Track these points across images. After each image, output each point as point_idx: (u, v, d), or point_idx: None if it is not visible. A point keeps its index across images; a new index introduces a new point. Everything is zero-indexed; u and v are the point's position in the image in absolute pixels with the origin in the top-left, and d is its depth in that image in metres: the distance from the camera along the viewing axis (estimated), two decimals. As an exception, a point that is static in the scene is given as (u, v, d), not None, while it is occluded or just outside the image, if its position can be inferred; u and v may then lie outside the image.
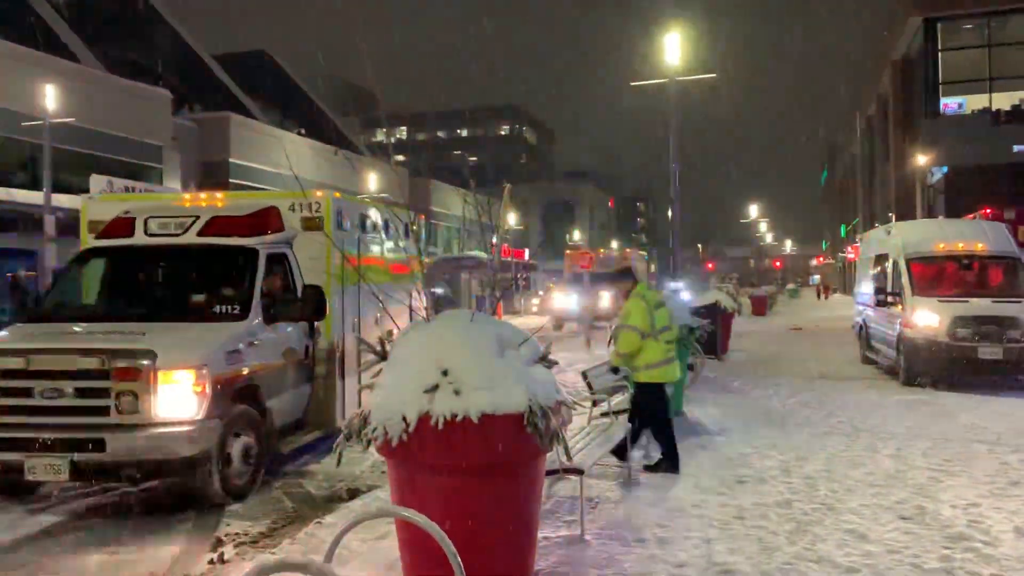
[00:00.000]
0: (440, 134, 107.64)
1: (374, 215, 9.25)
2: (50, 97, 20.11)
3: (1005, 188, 28.86)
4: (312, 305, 7.37)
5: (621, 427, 7.11)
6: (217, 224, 7.52)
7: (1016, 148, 32.20)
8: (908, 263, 14.02)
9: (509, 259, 41.06)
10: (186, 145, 31.21)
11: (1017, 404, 11.35)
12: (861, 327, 17.14)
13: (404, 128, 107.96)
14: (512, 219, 50.15)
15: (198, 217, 7.60)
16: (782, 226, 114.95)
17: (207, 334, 6.71)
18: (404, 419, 4.04)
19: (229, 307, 7.04)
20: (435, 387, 4.08)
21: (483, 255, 37.89)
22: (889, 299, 14.26)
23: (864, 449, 8.51)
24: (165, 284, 8.00)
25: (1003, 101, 33.66)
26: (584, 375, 8.20)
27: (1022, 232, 19.93)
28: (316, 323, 7.89)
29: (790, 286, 75.25)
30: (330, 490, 7.10)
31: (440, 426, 3.98)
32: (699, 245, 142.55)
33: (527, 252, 51.37)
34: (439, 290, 32.40)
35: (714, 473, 7.41)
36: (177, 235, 7.55)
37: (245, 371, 6.81)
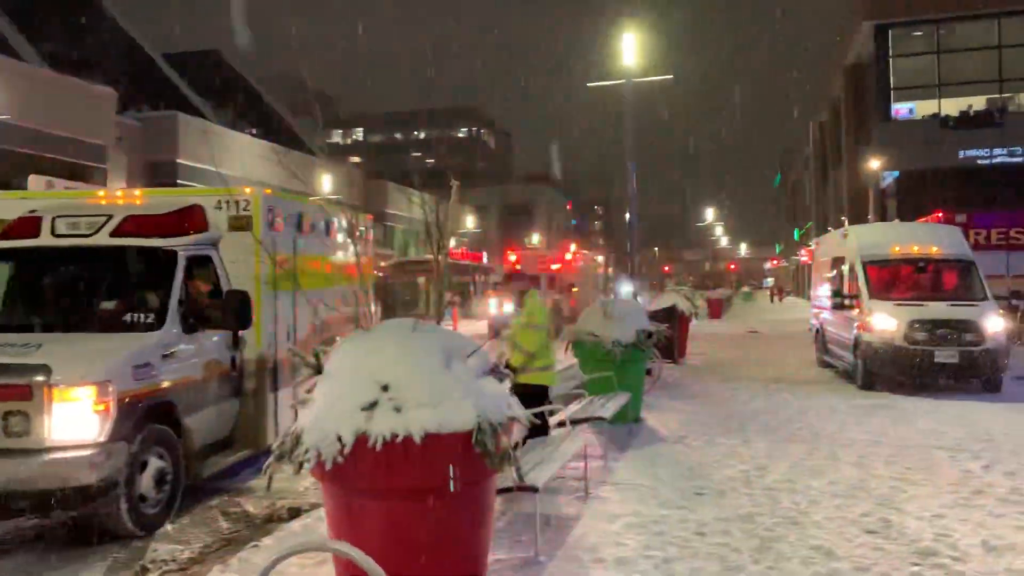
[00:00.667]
0: (397, 136, 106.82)
1: (313, 214, 8.76)
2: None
3: (955, 192, 29.28)
4: (235, 313, 6.75)
5: (577, 438, 6.80)
6: (132, 223, 6.90)
7: (964, 154, 32.78)
8: (864, 266, 13.98)
9: (467, 262, 40.71)
10: (133, 145, 30.25)
11: (974, 408, 11.31)
12: (818, 330, 17.11)
13: (360, 130, 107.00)
14: (469, 222, 49.79)
15: (111, 216, 6.97)
16: (737, 229, 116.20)
17: (113, 346, 6.07)
18: (339, 439, 3.68)
19: (142, 315, 6.44)
20: (373, 404, 3.73)
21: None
22: (846, 302, 14.20)
23: (826, 457, 8.32)
24: (72, 290, 7.21)
25: (952, 107, 34.24)
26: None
27: (972, 236, 20.19)
28: (242, 332, 7.28)
29: (744, 289, 75.92)
30: (271, 509, 6.67)
31: (379, 447, 3.63)
32: (656, 248, 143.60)
33: (485, 255, 50.96)
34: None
35: (673, 485, 7.14)
36: (87, 236, 6.88)
37: (158, 386, 6.18)
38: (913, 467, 7.83)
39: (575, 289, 26.71)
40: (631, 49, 16.72)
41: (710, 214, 71.45)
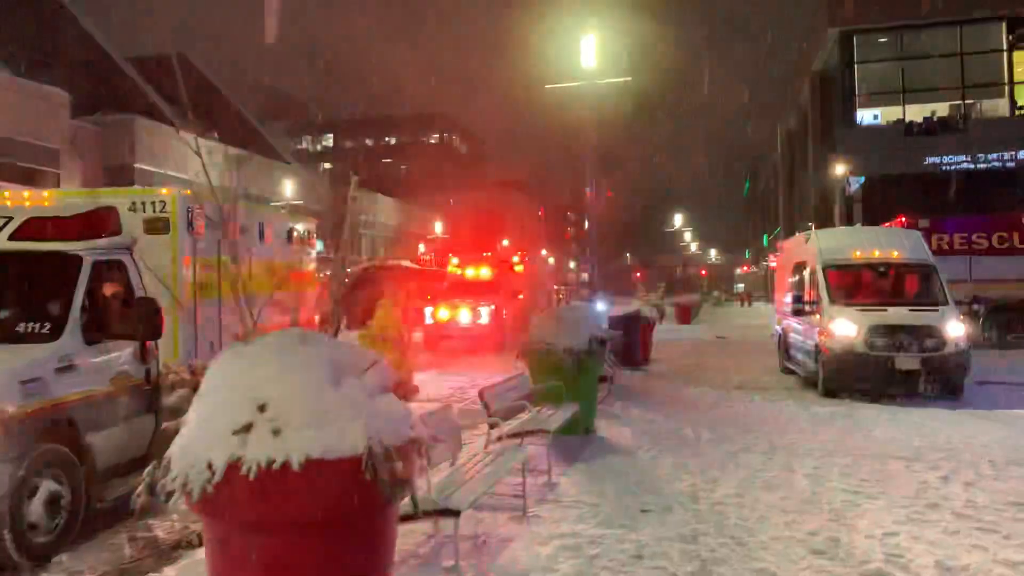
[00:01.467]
0: (368, 141, 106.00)
1: (245, 217, 8.30)
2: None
3: (919, 198, 29.35)
4: (145, 322, 6.21)
5: (516, 454, 6.42)
6: (34, 226, 6.39)
7: (928, 160, 32.93)
8: (825, 271, 13.75)
9: (431, 268, 40.17)
10: (89, 149, 29.50)
11: (933, 415, 11.08)
12: (780, 336, 16.88)
13: (331, 136, 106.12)
14: (438, 228, 49.36)
15: (11, 218, 6.47)
16: (708, 235, 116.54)
17: None
18: (210, 466, 3.26)
19: (38, 325, 5.93)
20: (249, 426, 3.31)
21: (409, 263, 36.93)
22: (807, 308, 13.97)
23: (780, 468, 8.01)
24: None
25: (916, 113, 34.41)
26: (481, 395, 7.51)
27: (935, 241, 20.12)
28: (153, 343, 6.68)
29: (714, 294, 76.03)
30: (181, 534, 6.20)
31: (254, 475, 3.22)
32: (627, 254, 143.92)
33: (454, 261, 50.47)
34: None
35: (618, 501, 6.77)
36: None
37: (53, 402, 5.65)
38: (868, 479, 7.53)
39: (520, 296, 23.48)
40: (590, 51, 16.42)
41: (679, 220, 71.26)
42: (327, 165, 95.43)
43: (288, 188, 36.68)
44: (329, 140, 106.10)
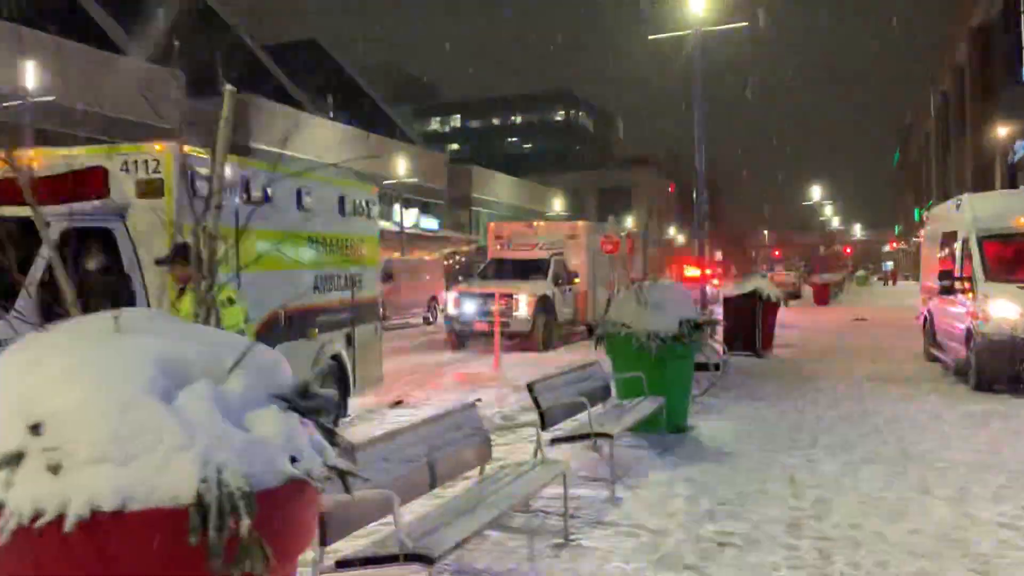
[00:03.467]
0: (495, 121, 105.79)
1: (272, 181, 7.28)
2: (30, 76, 18.80)
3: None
4: (114, 301, 5.29)
5: (552, 468, 5.11)
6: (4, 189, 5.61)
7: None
8: (980, 242, 11.58)
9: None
10: (205, 130, 29.91)
11: (1122, 419, 8.94)
12: (926, 319, 14.66)
13: (458, 116, 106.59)
14: (556, 205, 48.07)
15: None
16: (850, 210, 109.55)
17: None
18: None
19: None
20: (17, 456, 2.18)
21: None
22: (957, 285, 11.82)
23: (912, 489, 6.33)
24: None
25: (1095, 66, 30.19)
26: (530, 388, 6.23)
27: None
28: None
29: (859, 272, 71.29)
30: None
31: (12, 530, 2.09)
32: (765, 232, 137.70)
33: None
34: None
35: (689, 530, 5.35)
36: None
37: None
38: (1033, 508, 5.77)
39: (576, 280, 18.30)
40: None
41: (817, 192, 66.23)
42: (454, 146, 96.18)
43: (407, 167, 36.26)
44: (457, 120, 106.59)
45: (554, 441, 6.19)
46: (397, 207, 35.37)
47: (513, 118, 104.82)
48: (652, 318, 8.28)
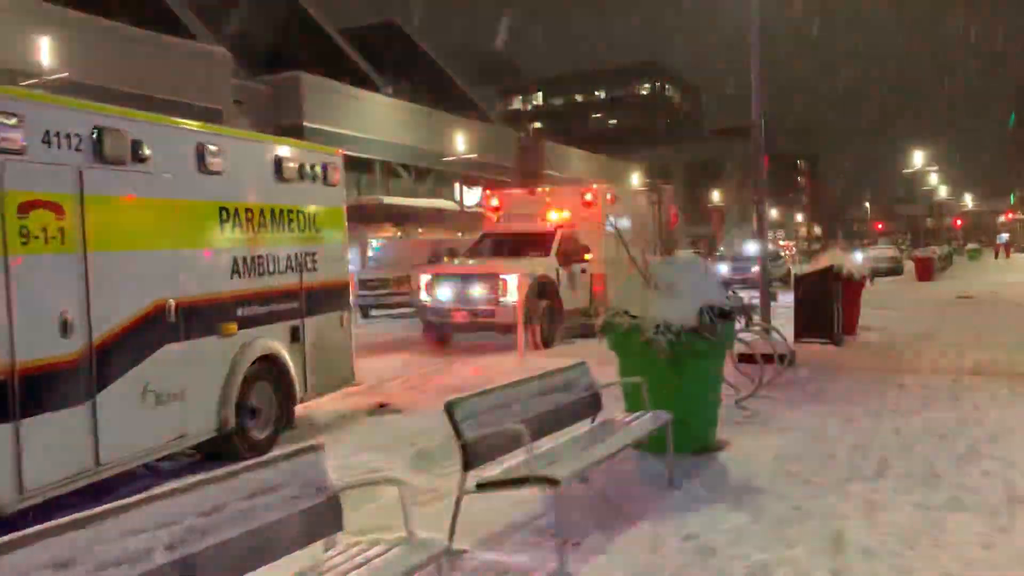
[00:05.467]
0: (578, 98, 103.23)
1: (144, 133, 5.58)
2: (44, 54, 17.83)
3: None
4: None
5: (418, 553, 3.27)
6: None
7: None
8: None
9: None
10: (259, 110, 28.94)
11: None
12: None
13: (540, 94, 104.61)
14: (634, 179, 45.65)
15: None
16: (960, 179, 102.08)
17: None
18: None
19: None
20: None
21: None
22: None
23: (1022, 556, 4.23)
24: None
25: None
26: (450, 410, 4.43)
27: None
28: None
29: (970, 246, 66.12)
30: None
31: None
32: (866, 204, 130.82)
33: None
34: None
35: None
36: None
37: None
38: None
39: (588, 257, 14.55)
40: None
41: (919, 159, 60.67)
42: (537, 124, 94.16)
43: (471, 143, 34.60)
44: (539, 98, 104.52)
45: (481, 487, 4.35)
46: (457, 186, 33.80)
47: (597, 93, 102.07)
48: (664, 304, 6.30)
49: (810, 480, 5.70)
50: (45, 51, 17.57)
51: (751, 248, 14.16)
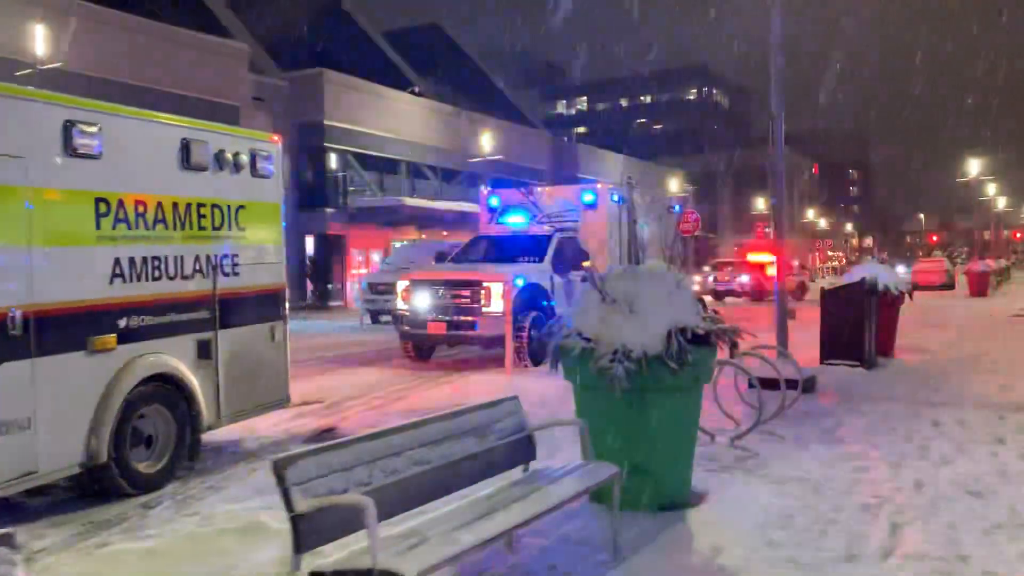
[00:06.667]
0: (623, 102, 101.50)
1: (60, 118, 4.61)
2: (38, 44, 17.20)
3: None
4: None
5: None
6: None
7: None
8: None
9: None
10: (281, 107, 28.23)
11: None
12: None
13: (585, 99, 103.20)
14: (673, 185, 44.19)
15: None
16: (1021, 189, 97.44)
17: None
18: None
19: None
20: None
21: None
22: None
23: None
24: None
25: None
26: (278, 470, 3.32)
27: None
28: None
29: (1030, 259, 63.04)
30: None
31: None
32: (921, 216, 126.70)
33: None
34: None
35: None
36: None
37: None
38: None
39: (587, 264, 11.39)
40: None
41: (975, 167, 57.17)
42: (581, 129, 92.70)
43: (502, 144, 33.58)
44: (583, 103, 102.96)
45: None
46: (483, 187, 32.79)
47: (643, 98, 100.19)
48: (623, 325, 5.10)
49: (796, 559, 4.45)
50: (39, 39, 16.91)
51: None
